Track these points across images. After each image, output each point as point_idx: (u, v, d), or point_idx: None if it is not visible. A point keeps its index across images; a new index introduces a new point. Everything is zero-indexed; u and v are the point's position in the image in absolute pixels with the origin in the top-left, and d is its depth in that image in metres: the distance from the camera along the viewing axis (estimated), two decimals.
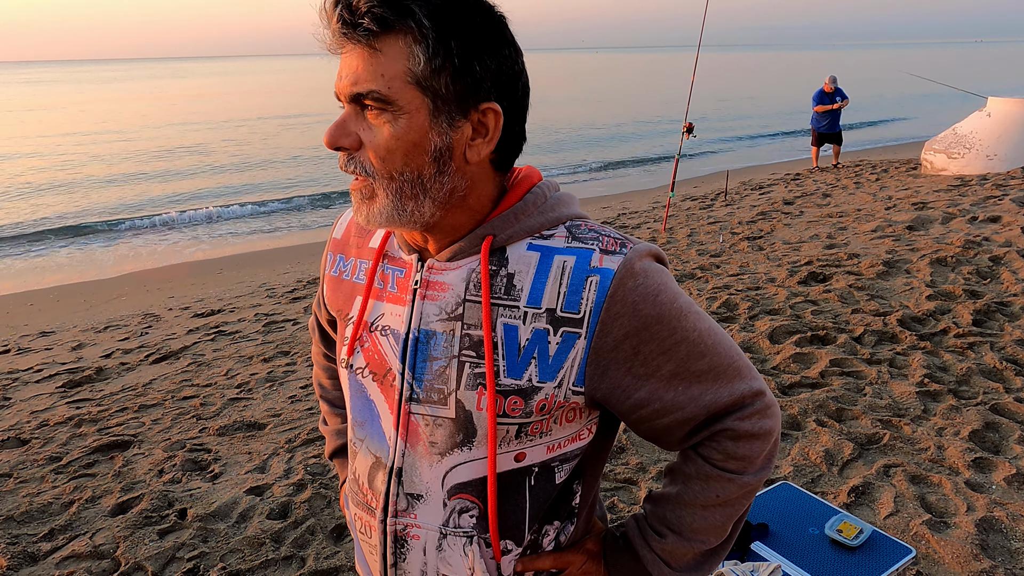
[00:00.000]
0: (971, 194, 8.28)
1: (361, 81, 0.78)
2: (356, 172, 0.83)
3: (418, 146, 0.80)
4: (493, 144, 0.83)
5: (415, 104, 0.79)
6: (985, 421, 3.28)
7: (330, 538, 2.73)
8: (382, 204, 0.83)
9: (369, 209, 0.84)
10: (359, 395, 0.96)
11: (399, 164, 0.81)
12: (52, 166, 16.61)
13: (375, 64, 0.78)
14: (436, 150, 0.81)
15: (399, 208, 0.83)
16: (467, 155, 0.82)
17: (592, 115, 26.17)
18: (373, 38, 0.78)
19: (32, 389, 4.47)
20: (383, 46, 0.78)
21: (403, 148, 0.80)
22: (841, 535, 1.97)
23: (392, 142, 0.79)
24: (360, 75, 0.78)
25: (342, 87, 0.81)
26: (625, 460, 3.14)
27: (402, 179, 0.81)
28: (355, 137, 0.81)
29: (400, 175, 0.81)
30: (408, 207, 0.83)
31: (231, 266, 8.35)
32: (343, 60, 0.81)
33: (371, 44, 0.78)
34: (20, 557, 2.68)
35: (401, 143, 0.79)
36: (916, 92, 31.35)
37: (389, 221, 0.84)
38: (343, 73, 0.80)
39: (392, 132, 0.79)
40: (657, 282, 0.83)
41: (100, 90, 57.54)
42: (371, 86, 0.78)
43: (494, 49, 0.80)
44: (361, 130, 0.81)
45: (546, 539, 0.94)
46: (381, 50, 0.78)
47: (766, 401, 0.89)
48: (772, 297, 5.11)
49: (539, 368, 0.84)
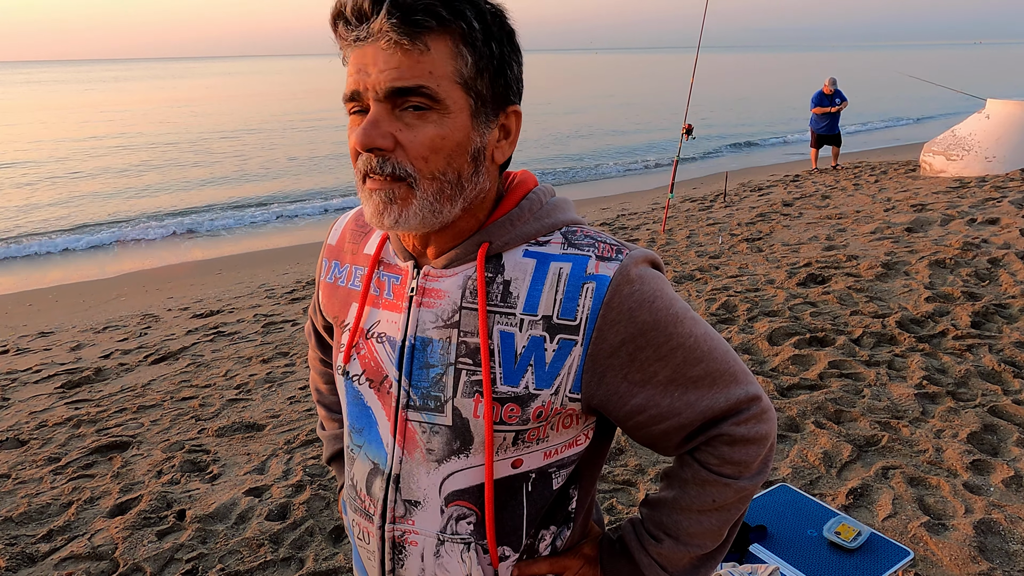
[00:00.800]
0: (970, 196, 8.29)
1: (408, 76, 0.75)
2: (389, 174, 0.79)
3: (461, 146, 0.79)
4: (515, 145, 0.86)
5: (460, 104, 0.79)
6: (983, 423, 3.28)
7: (329, 539, 2.73)
8: (419, 206, 0.80)
9: (401, 211, 0.80)
10: (356, 402, 0.95)
11: (442, 164, 0.79)
12: (49, 164, 16.61)
13: (424, 61, 0.76)
14: (475, 150, 0.81)
15: (435, 210, 0.80)
16: (495, 156, 0.84)
17: (592, 116, 26.19)
18: (426, 34, 0.76)
19: (31, 390, 4.47)
20: (433, 43, 0.76)
21: (448, 148, 0.78)
22: (839, 537, 1.97)
23: (438, 142, 0.78)
24: (405, 71, 0.75)
25: (374, 82, 0.76)
26: (624, 462, 3.14)
27: (444, 179, 0.79)
28: (391, 137, 0.77)
29: (443, 175, 0.79)
30: (444, 208, 0.81)
31: (230, 267, 8.35)
32: (371, 55, 0.76)
33: (423, 40, 0.76)
34: (18, 558, 2.68)
35: (447, 143, 0.78)
36: (915, 94, 31.39)
37: (422, 223, 0.81)
38: (374, 68, 0.76)
39: (438, 132, 0.78)
40: (653, 288, 0.83)
41: (100, 90, 57.51)
42: (420, 81, 0.76)
43: (518, 55, 0.84)
44: (397, 130, 0.78)
45: (542, 544, 0.94)
46: (430, 47, 0.76)
47: (762, 406, 0.89)
48: (771, 299, 5.11)
49: (536, 375, 0.84)
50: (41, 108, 37.48)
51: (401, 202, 0.80)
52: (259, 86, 58.36)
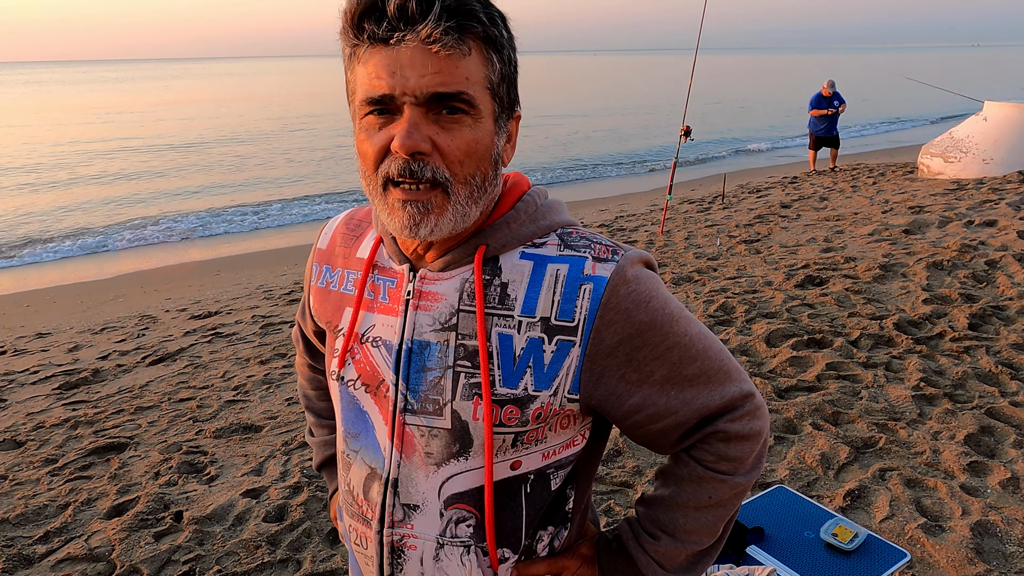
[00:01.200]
0: (967, 198, 8.31)
1: (449, 82, 0.75)
2: (428, 179, 0.78)
3: (488, 150, 0.81)
4: (515, 148, 0.88)
5: (488, 109, 0.80)
6: (980, 425, 3.29)
7: (326, 541, 2.73)
8: (452, 212, 0.80)
9: (438, 220, 0.80)
10: (351, 407, 0.95)
11: (473, 168, 0.80)
12: (50, 164, 16.60)
13: (462, 67, 0.76)
14: (496, 154, 0.83)
15: (464, 214, 0.81)
16: (504, 159, 0.86)
17: (591, 117, 26.21)
18: (471, 39, 0.77)
19: (28, 391, 4.46)
20: (473, 49, 0.77)
21: (480, 152, 0.80)
22: (836, 539, 1.97)
23: (473, 146, 0.79)
24: (447, 76, 0.75)
25: (414, 86, 0.75)
26: (622, 463, 3.14)
27: (473, 183, 0.81)
28: (429, 141, 0.77)
29: (473, 179, 0.80)
30: (471, 212, 0.82)
31: (228, 268, 8.35)
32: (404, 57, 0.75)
33: (467, 45, 0.76)
34: (15, 559, 2.67)
35: (479, 147, 0.80)
36: (913, 96, 31.44)
37: (453, 229, 0.81)
38: (412, 72, 0.75)
39: (473, 136, 0.79)
40: (649, 288, 0.84)
41: (100, 91, 57.48)
42: (461, 87, 0.76)
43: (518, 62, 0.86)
44: (434, 134, 0.77)
45: (540, 544, 0.94)
46: (471, 52, 0.77)
47: (756, 403, 0.90)
48: (769, 300, 5.12)
49: (534, 377, 0.84)
50: (43, 109, 37.45)
51: (437, 211, 0.80)
52: (259, 87, 58.36)
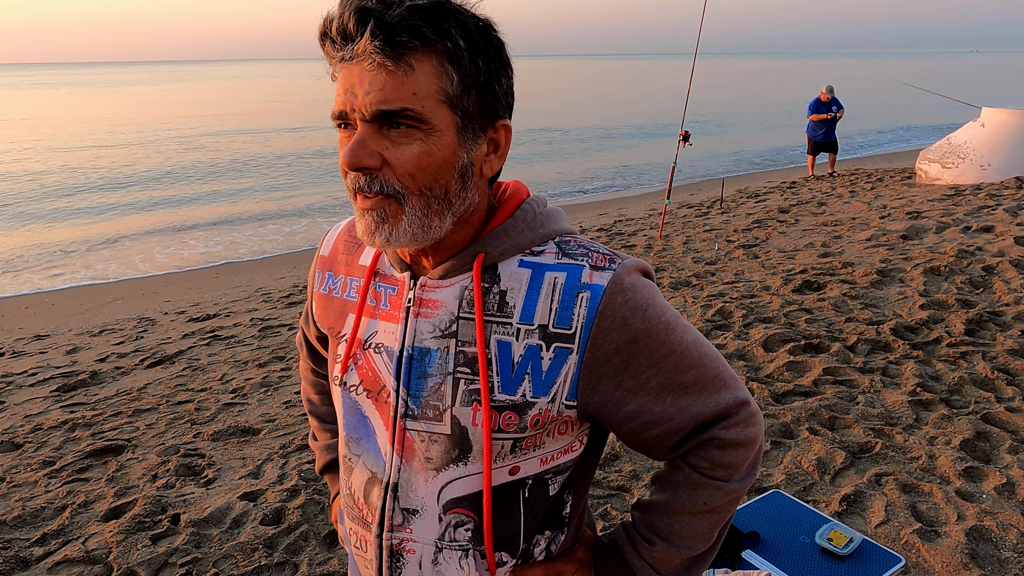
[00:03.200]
0: (965, 204, 8.33)
1: (392, 99, 0.76)
2: (377, 192, 0.80)
3: (447, 163, 0.80)
4: (504, 159, 0.87)
5: (446, 122, 0.79)
6: (976, 430, 3.30)
7: (323, 544, 2.73)
8: (408, 223, 0.81)
9: (393, 229, 0.81)
10: (353, 412, 0.96)
11: (428, 181, 0.80)
12: (54, 165, 16.61)
13: (408, 82, 0.76)
14: (462, 166, 0.82)
15: (425, 225, 0.81)
16: (483, 170, 0.85)
17: (591, 119, 26.26)
18: (410, 55, 0.76)
19: (26, 393, 4.46)
20: (417, 64, 0.76)
21: (434, 165, 0.79)
22: (831, 544, 1.98)
23: (424, 159, 0.79)
24: (389, 93, 0.76)
25: (361, 104, 0.77)
26: (618, 468, 3.15)
27: (431, 195, 0.80)
28: (378, 156, 0.78)
29: (429, 191, 0.80)
30: (433, 223, 0.82)
31: (227, 270, 8.35)
32: (356, 75, 0.77)
33: (406, 61, 0.76)
34: (12, 562, 2.68)
35: (433, 160, 0.79)
36: (911, 102, 31.52)
37: (413, 239, 0.82)
38: (360, 90, 0.77)
39: (424, 150, 0.78)
40: (645, 297, 0.86)
41: (101, 94, 57.50)
42: (405, 104, 0.76)
43: (505, 69, 0.84)
44: (384, 148, 0.78)
45: (537, 549, 0.95)
46: (415, 68, 0.76)
47: (750, 410, 0.91)
48: (766, 305, 5.13)
49: (533, 383, 0.85)
50: (48, 110, 37.44)
51: (392, 220, 0.81)
52: (262, 90, 58.40)
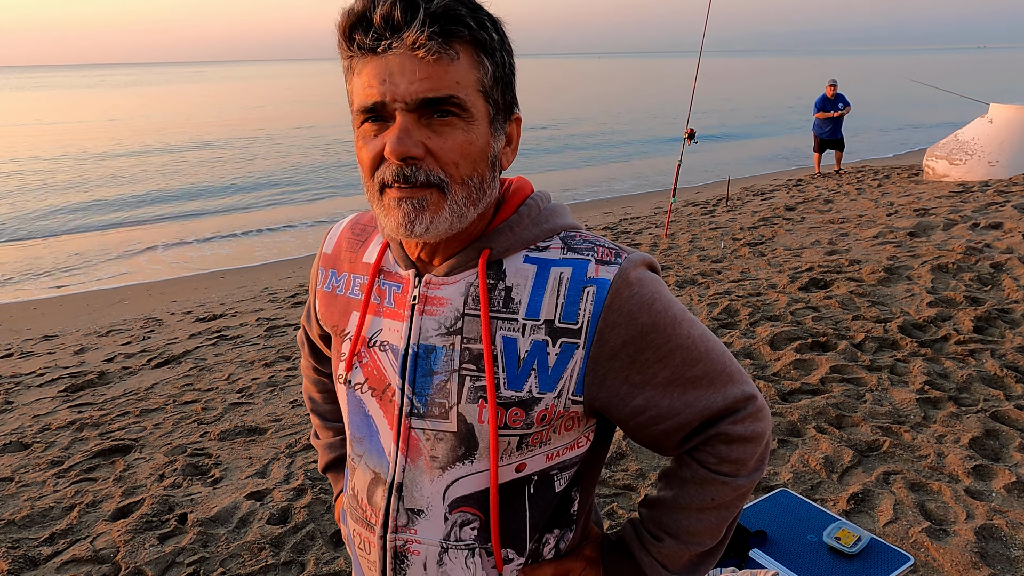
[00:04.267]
0: (973, 200, 8.28)
1: (439, 87, 0.77)
2: (423, 182, 0.79)
3: (483, 152, 0.82)
4: (516, 152, 0.89)
5: (482, 112, 0.81)
6: (985, 428, 3.28)
7: (330, 543, 2.74)
8: (448, 212, 0.81)
9: (433, 218, 0.80)
10: (357, 411, 0.96)
11: (469, 169, 0.81)
12: (62, 166, 16.70)
13: (451, 71, 0.77)
14: (492, 156, 0.84)
15: (462, 215, 0.82)
16: (503, 162, 0.87)
17: (595, 119, 26.22)
18: (458, 44, 0.77)
19: (35, 393, 4.48)
20: (461, 52, 0.78)
21: (474, 154, 0.81)
22: (839, 543, 1.97)
23: (466, 147, 0.80)
24: (436, 81, 0.77)
25: (404, 92, 0.76)
26: (624, 466, 3.14)
27: (471, 184, 0.81)
28: (422, 145, 0.79)
29: (470, 180, 0.81)
30: (469, 213, 0.83)
31: (233, 270, 8.38)
32: (394, 64, 0.76)
33: (454, 50, 0.77)
34: (21, 561, 2.69)
35: (473, 149, 0.80)
36: (919, 98, 31.35)
37: (450, 228, 0.82)
38: (402, 79, 0.76)
39: (466, 138, 0.79)
40: (652, 291, 0.85)
41: (111, 95, 57.77)
42: (450, 92, 0.77)
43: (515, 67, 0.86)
44: (426, 138, 0.79)
45: (546, 547, 0.95)
46: (459, 56, 0.78)
47: (757, 405, 0.91)
48: (773, 303, 5.11)
49: (539, 379, 0.85)
50: (55, 111, 37.65)
51: (433, 208, 0.80)
52: (268, 92, 58.57)
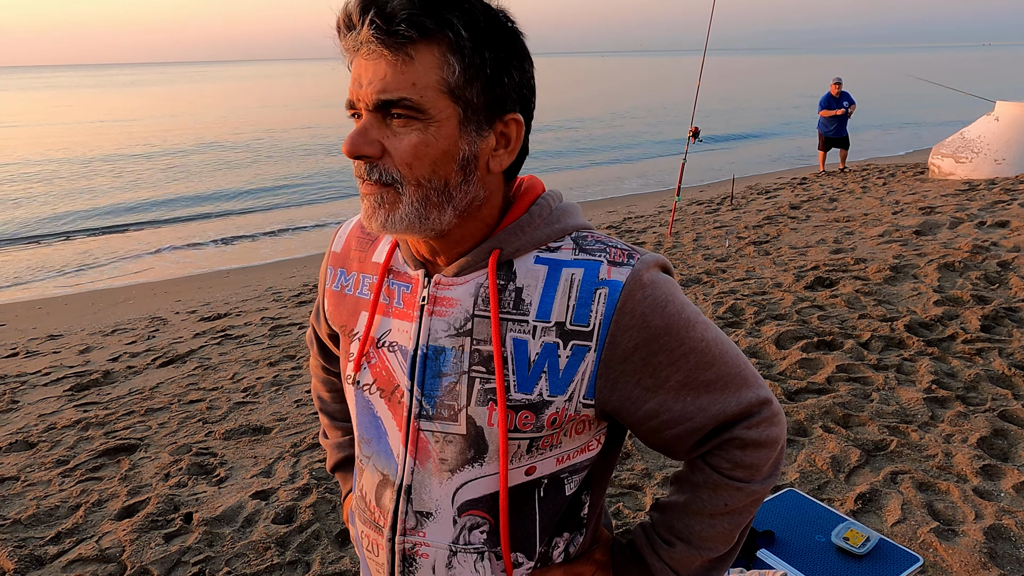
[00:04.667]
0: (979, 199, 8.24)
1: (391, 89, 0.76)
2: (378, 180, 0.80)
3: (447, 154, 0.79)
4: (514, 155, 0.84)
5: (446, 113, 0.78)
6: (993, 428, 3.26)
7: (335, 543, 2.73)
8: (405, 211, 0.80)
9: (389, 215, 0.81)
10: (366, 412, 0.95)
11: (427, 171, 0.79)
12: (71, 167, 16.75)
13: (407, 72, 0.76)
14: (463, 158, 0.80)
15: (422, 215, 0.81)
16: (490, 165, 0.83)
17: (600, 117, 26.19)
18: (409, 45, 0.75)
19: (40, 392, 4.49)
20: (417, 54, 0.76)
21: (432, 155, 0.78)
22: (848, 543, 1.95)
23: (421, 149, 0.78)
24: (389, 83, 0.76)
25: (364, 94, 0.78)
26: (631, 466, 3.13)
27: (429, 186, 0.80)
28: (378, 145, 0.79)
29: (428, 182, 0.79)
30: (431, 215, 0.81)
31: (238, 270, 8.39)
32: (362, 66, 0.78)
33: (405, 51, 0.76)
34: (27, 560, 2.69)
35: (431, 150, 0.78)
36: (924, 96, 31.23)
37: (409, 228, 0.82)
38: (364, 80, 0.77)
39: (422, 139, 0.78)
40: (665, 293, 0.84)
41: (119, 95, 57.93)
42: (403, 94, 0.76)
43: (518, 62, 0.82)
44: (384, 137, 0.79)
45: (556, 551, 0.94)
46: (414, 58, 0.76)
47: (772, 409, 0.89)
48: (778, 302, 5.09)
49: (549, 382, 0.84)
50: (63, 112, 37.77)
51: (389, 206, 0.81)
52: (275, 91, 58.64)
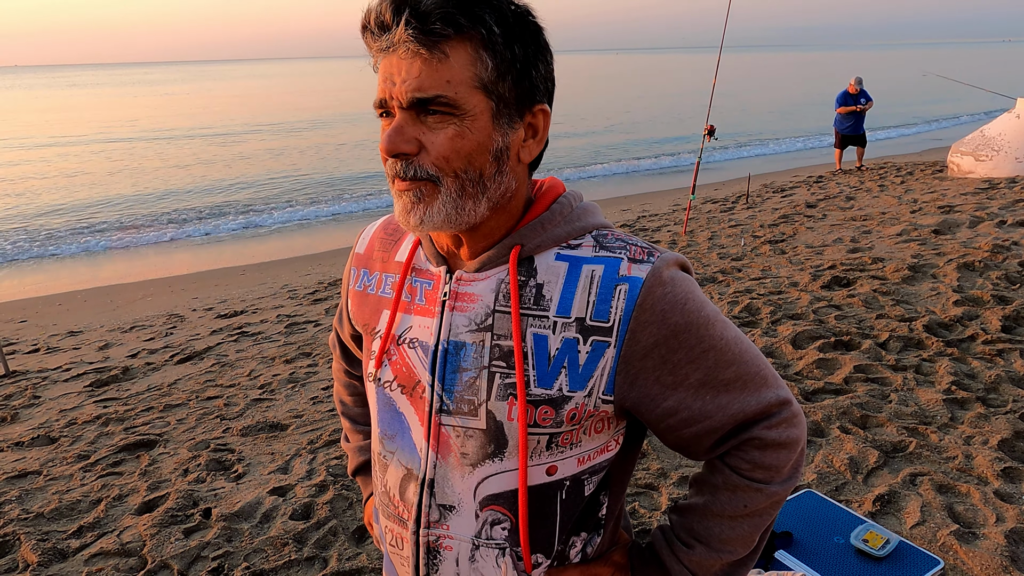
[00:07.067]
0: (999, 197, 8.13)
1: (426, 87, 0.77)
2: (412, 177, 0.81)
3: (481, 146, 0.81)
4: (542, 144, 0.87)
5: (480, 108, 0.80)
6: (1015, 430, 3.22)
7: (352, 539, 2.75)
8: (441, 204, 0.82)
9: (426, 210, 0.82)
10: (387, 408, 0.96)
11: (463, 164, 0.81)
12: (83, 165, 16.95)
13: (441, 70, 0.77)
14: (496, 150, 0.82)
15: (459, 207, 0.82)
16: (520, 155, 0.85)
17: (613, 116, 26.11)
18: (444, 43, 0.77)
19: (61, 388, 4.56)
20: (452, 51, 0.77)
21: (468, 149, 0.80)
22: (867, 545, 1.94)
23: (457, 143, 0.79)
24: (424, 81, 0.77)
25: (398, 92, 0.79)
26: (646, 465, 3.13)
27: (465, 177, 0.81)
28: (415, 142, 0.80)
29: (464, 173, 0.81)
30: (467, 206, 0.82)
31: (254, 267, 8.45)
32: (395, 64, 0.79)
33: (440, 49, 0.77)
34: (50, 553, 2.73)
35: (466, 144, 0.80)
36: (942, 93, 30.83)
37: (446, 222, 0.83)
38: (398, 78, 0.78)
39: (457, 134, 0.79)
40: (685, 290, 0.84)
41: (140, 94, 58.50)
42: (438, 91, 0.77)
43: (544, 54, 0.84)
44: (420, 134, 0.80)
45: (573, 551, 0.94)
46: (449, 55, 0.77)
47: (793, 410, 0.89)
48: (795, 301, 5.06)
49: (569, 377, 0.84)
50: (83, 110, 38.22)
51: (427, 200, 0.82)
52: (291, 88, 58.97)
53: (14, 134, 25.76)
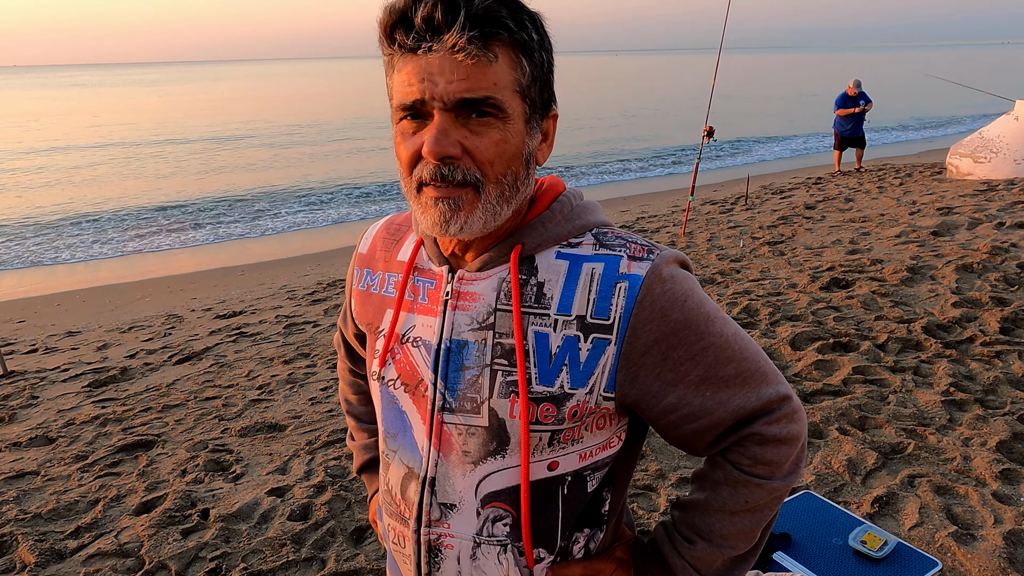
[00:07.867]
0: (998, 199, 8.14)
1: (475, 88, 0.77)
2: (459, 181, 0.80)
3: (518, 150, 0.83)
4: (552, 147, 0.89)
5: (518, 111, 0.82)
6: (1013, 431, 3.22)
7: (350, 540, 2.75)
8: (481, 211, 0.82)
9: (468, 217, 0.82)
10: (391, 407, 0.97)
11: (503, 168, 0.81)
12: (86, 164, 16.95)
13: (489, 72, 0.78)
14: (527, 154, 0.85)
15: (495, 213, 0.83)
16: (538, 158, 0.88)
17: (612, 116, 26.12)
18: (496, 45, 0.78)
19: (59, 388, 4.55)
20: (500, 54, 0.78)
21: (509, 153, 0.81)
22: (865, 546, 1.94)
23: (502, 146, 0.80)
24: (474, 82, 0.77)
25: (443, 92, 0.77)
26: (645, 466, 3.13)
27: (504, 182, 0.82)
28: (459, 145, 0.80)
29: (504, 178, 0.82)
30: (503, 210, 0.84)
31: (252, 268, 8.45)
32: (435, 64, 0.77)
33: (492, 51, 0.78)
34: (48, 554, 2.73)
35: (508, 148, 0.81)
36: (941, 95, 30.88)
37: (484, 227, 0.83)
38: (441, 78, 0.77)
39: (502, 137, 0.80)
40: (684, 288, 0.85)
41: (144, 93, 58.49)
42: (487, 93, 0.78)
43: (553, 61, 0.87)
44: (463, 137, 0.80)
45: (576, 546, 0.95)
46: (498, 58, 0.78)
47: (793, 405, 0.90)
48: (793, 303, 5.06)
49: (570, 375, 0.85)
50: (86, 111, 38.20)
51: (467, 208, 0.82)
52: (291, 88, 58.98)
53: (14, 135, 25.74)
